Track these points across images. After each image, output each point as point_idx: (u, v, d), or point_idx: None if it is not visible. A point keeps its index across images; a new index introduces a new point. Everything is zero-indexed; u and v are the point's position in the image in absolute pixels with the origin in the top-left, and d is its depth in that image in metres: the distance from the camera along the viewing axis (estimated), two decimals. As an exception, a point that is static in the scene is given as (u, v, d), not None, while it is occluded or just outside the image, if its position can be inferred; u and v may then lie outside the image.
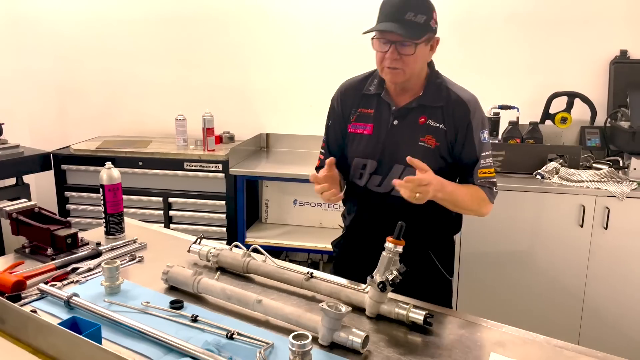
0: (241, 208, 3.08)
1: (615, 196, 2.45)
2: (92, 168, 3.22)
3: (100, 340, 1.17)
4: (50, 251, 1.67)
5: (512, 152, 2.73)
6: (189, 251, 1.65)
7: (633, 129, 2.59)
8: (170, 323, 1.30)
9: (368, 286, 1.35)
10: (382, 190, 1.67)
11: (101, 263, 1.48)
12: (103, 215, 1.85)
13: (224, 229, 3.18)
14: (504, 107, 2.91)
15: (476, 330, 1.34)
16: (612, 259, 2.52)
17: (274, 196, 3.34)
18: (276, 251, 3.17)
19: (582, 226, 2.52)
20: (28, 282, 1.45)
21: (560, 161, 2.67)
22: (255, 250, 1.60)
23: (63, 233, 1.69)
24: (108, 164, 1.86)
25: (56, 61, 3.76)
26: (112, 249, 1.73)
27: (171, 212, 3.24)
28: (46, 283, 1.45)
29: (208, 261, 1.62)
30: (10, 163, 3.07)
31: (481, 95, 3.27)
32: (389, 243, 1.32)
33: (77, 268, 1.56)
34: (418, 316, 1.29)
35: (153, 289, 1.48)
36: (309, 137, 3.39)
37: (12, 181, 3.19)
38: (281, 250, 3.24)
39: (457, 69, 3.15)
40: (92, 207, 3.29)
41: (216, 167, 3.12)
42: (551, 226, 2.57)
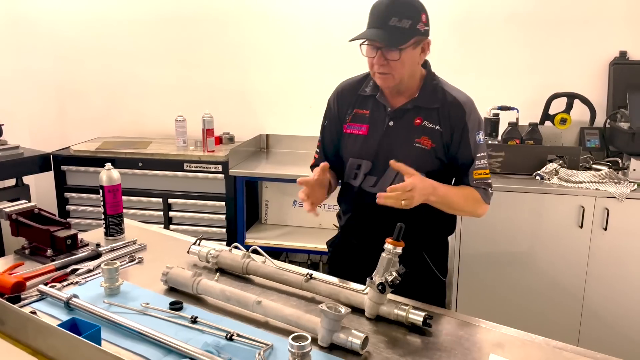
0: (241, 209, 3.08)
1: (614, 197, 2.45)
2: (92, 169, 3.23)
3: (99, 341, 1.17)
4: (50, 252, 1.67)
5: (512, 153, 2.73)
6: (189, 252, 1.66)
7: (632, 130, 2.59)
8: (169, 324, 1.30)
9: (367, 287, 1.35)
10: (377, 190, 1.66)
11: (101, 264, 1.48)
12: (103, 216, 1.85)
13: (224, 230, 3.18)
14: (504, 108, 2.91)
15: (475, 331, 1.34)
16: (612, 260, 2.52)
17: (274, 197, 3.35)
18: (276, 252, 3.17)
19: (582, 227, 2.52)
20: (28, 283, 1.45)
21: (559, 162, 2.68)
22: (254, 251, 1.61)
23: (63, 234, 1.69)
24: (108, 165, 1.86)
25: (56, 61, 3.77)
26: (112, 250, 1.74)
27: (171, 213, 3.24)
28: (46, 284, 1.45)
29: (208, 262, 1.62)
30: (10, 164, 3.08)
31: (481, 96, 3.26)
32: (389, 244, 1.32)
33: (77, 269, 1.56)
34: (417, 317, 1.29)
35: (153, 290, 1.48)
36: (309, 138, 3.39)
37: (12, 182, 3.19)
38: (281, 251, 3.24)
39: (457, 70, 3.16)
40: (92, 208, 3.29)
41: (216, 168, 3.12)
42: (551, 227, 2.57)
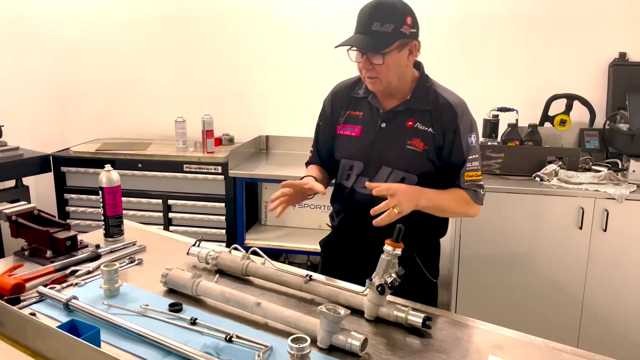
0: (240, 210, 3.08)
1: (614, 198, 2.45)
2: (92, 170, 3.23)
3: (99, 343, 1.17)
4: (49, 254, 1.67)
5: (511, 155, 2.74)
6: (188, 254, 1.66)
7: (632, 131, 2.59)
8: (169, 326, 1.30)
9: (367, 289, 1.35)
10: (369, 191, 1.67)
11: (100, 265, 1.48)
12: (102, 217, 1.85)
13: (224, 231, 3.18)
14: (503, 109, 2.91)
15: (475, 332, 1.34)
16: (611, 261, 2.52)
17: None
18: (275, 253, 3.17)
19: (581, 228, 2.52)
20: (27, 285, 1.45)
21: (559, 163, 2.68)
22: (254, 252, 1.61)
23: (62, 235, 1.69)
24: (107, 167, 1.86)
25: (56, 62, 3.77)
26: (111, 252, 1.73)
27: (170, 214, 3.24)
28: (45, 286, 1.45)
29: (207, 264, 1.62)
30: (9, 165, 3.08)
31: (480, 97, 3.27)
32: (388, 246, 1.32)
33: (76, 271, 1.56)
34: (417, 319, 1.30)
35: (152, 292, 1.48)
36: (309, 139, 3.33)
37: (12, 183, 3.20)
38: (280, 252, 3.24)
39: (457, 71, 3.17)
40: (92, 210, 3.29)
41: (215, 169, 3.12)
42: (550, 228, 2.57)
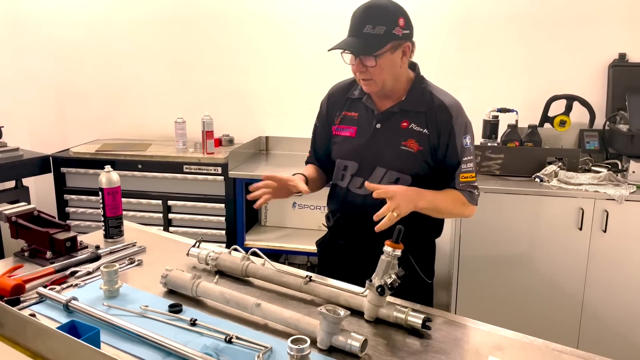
0: (240, 211, 3.08)
1: (614, 199, 2.45)
2: (92, 171, 3.23)
3: (99, 344, 1.17)
4: (49, 254, 1.67)
5: (511, 155, 2.74)
6: (188, 254, 1.66)
7: (632, 132, 2.59)
8: (169, 327, 1.30)
9: (367, 290, 1.35)
10: (363, 192, 1.69)
11: (100, 266, 1.48)
12: (102, 218, 1.85)
13: (223, 232, 3.18)
14: (503, 110, 2.91)
15: (474, 333, 1.34)
16: (611, 262, 2.52)
17: (273, 199, 3.34)
18: (275, 254, 3.17)
19: (581, 229, 2.52)
20: (27, 286, 1.45)
21: (559, 164, 2.68)
22: (254, 253, 1.61)
23: (62, 236, 1.69)
24: (107, 168, 1.86)
25: (56, 62, 3.77)
26: (111, 253, 1.74)
27: (170, 215, 3.24)
28: (45, 286, 1.45)
29: (207, 265, 1.62)
30: (9, 166, 3.08)
31: (480, 98, 3.26)
32: (388, 247, 1.32)
33: (76, 271, 1.56)
34: (417, 320, 1.29)
35: (152, 293, 1.48)
36: (309, 140, 3.32)
37: (12, 184, 3.20)
38: (280, 253, 3.24)
39: (456, 72, 3.17)
40: (92, 210, 3.29)
41: (215, 170, 3.12)
42: (550, 229, 2.57)
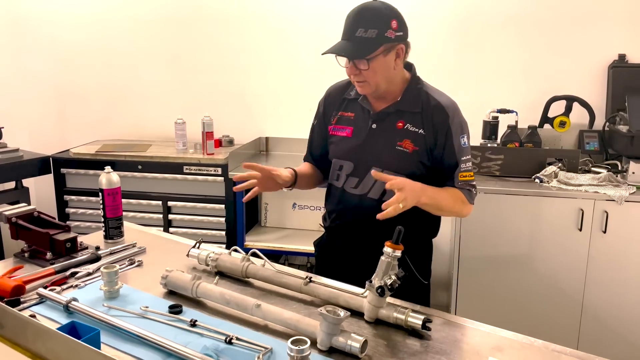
0: (240, 212, 3.08)
1: (614, 200, 2.45)
2: (92, 172, 3.23)
3: (99, 345, 1.17)
4: (49, 255, 1.67)
5: (511, 156, 2.74)
6: (188, 255, 1.66)
7: (631, 133, 2.59)
8: (169, 328, 1.30)
9: (367, 291, 1.35)
10: (359, 192, 1.70)
11: (100, 267, 1.48)
12: (102, 219, 1.85)
13: (223, 233, 3.18)
14: (503, 111, 2.92)
15: (474, 334, 1.34)
16: (611, 263, 2.52)
17: (273, 200, 3.35)
18: (275, 255, 3.17)
19: (581, 230, 2.52)
20: (27, 287, 1.44)
21: (559, 165, 2.68)
22: (254, 254, 1.61)
23: (62, 237, 1.69)
24: (107, 168, 1.86)
25: (56, 63, 3.77)
26: (111, 253, 1.73)
27: (170, 216, 3.24)
28: (45, 287, 1.45)
29: (207, 265, 1.62)
30: (9, 167, 3.08)
31: (480, 98, 3.26)
32: (388, 248, 1.32)
33: (76, 272, 1.56)
34: (417, 320, 1.29)
35: (152, 294, 1.48)
36: (308, 141, 3.39)
37: (12, 185, 3.20)
38: (280, 253, 3.24)
39: (456, 73, 3.17)
40: (92, 211, 3.29)
41: (215, 171, 3.12)
42: (550, 230, 2.57)
